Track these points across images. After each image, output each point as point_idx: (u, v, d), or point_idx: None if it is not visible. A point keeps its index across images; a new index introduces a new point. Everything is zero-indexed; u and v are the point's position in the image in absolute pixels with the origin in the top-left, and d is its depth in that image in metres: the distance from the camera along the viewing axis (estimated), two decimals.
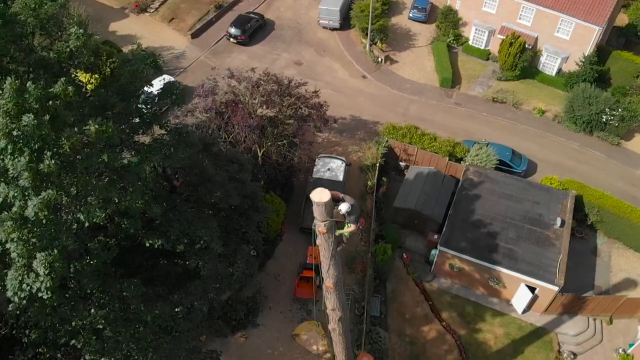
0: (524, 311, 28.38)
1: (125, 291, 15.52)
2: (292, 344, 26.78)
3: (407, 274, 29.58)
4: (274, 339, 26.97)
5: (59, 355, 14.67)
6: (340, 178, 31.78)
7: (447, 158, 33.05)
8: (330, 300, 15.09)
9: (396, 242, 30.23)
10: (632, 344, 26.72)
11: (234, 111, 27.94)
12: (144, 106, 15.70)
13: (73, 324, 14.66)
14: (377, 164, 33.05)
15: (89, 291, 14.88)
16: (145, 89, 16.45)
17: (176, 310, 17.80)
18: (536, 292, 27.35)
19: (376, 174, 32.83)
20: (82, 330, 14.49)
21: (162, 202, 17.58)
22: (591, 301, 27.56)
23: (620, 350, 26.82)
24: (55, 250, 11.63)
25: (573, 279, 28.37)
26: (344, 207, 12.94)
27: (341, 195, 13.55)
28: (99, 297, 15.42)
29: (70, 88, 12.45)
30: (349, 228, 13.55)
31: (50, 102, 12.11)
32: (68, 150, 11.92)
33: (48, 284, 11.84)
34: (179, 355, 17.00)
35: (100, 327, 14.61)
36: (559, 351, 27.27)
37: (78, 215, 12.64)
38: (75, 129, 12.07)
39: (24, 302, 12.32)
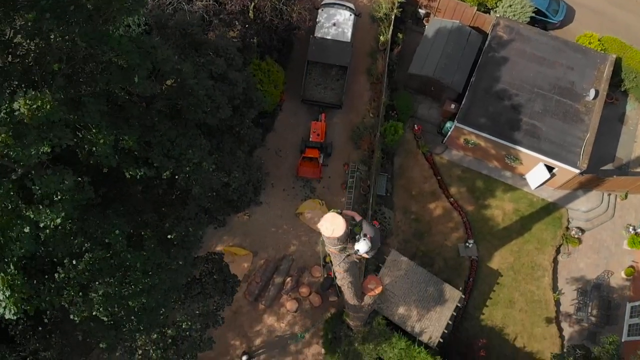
0: (538, 186, 27.13)
1: (106, 237, 13.80)
2: (295, 222, 26.22)
3: (417, 147, 27.53)
4: (277, 217, 26.31)
5: (45, 320, 13.63)
6: (348, 37, 27.35)
7: (475, 8, 28.07)
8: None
9: (408, 112, 27.44)
10: None
11: None
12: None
13: (56, 276, 13.32)
14: (393, 16, 28.23)
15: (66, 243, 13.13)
16: None
17: (169, 237, 16.34)
18: (554, 171, 25.69)
19: (391, 29, 28.29)
20: (65, 286, 13.19)
21: (135, 124, 14.69)
22: (610, 179, 26.05)
23: (631, 229, 26.29)
24: (12, 267, 9.54)
25: (594, 149, 26.23)
26: (362, 248, 10.31)
27: (358, 217, 10.75)
28: (79, 243, 13.76)
29: None
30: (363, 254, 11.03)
31: None
32: None
33: (13, 310, 10.08)
34: (178, 288, 16.13)
35: (85, 282, 13.27)
36: (567, 227, 26.81)
37: (27, 214, 10.16)
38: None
39: None
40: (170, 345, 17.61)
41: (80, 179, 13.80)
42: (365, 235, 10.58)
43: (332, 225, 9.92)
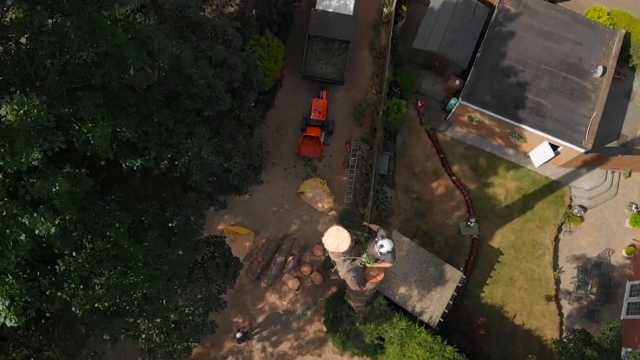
0: (541, 164, 26.82)
1: (108, 230, 13.60)
2: (297, 201, 26.07)
3: (420, 125, 27.08)
4: (278, 196, 26.12)
5: (47, 314, 13.52)
6: (351, 10, 26.43)
7: None
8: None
9: (412, 88, 26.84)
10: None
11: None
12: None
13: (56, 268, 13.20)
14: None
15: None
16: None
17: (170, 225, 16.17)
18: (558, 149, 25.38)
19: (394, 0, 27.33)
20: (66, 279, 13.07)
21: (132, 113, 14.27)
22: (614, 158, 25.75)
23: (633, 208, 26.17)
24: (10, 277, 9.33)
25: (599, 126, 25.81)
26: (386, 245, 9.98)
27: (376, 227, 10.42)
28: (79, 236, 13.57)
29: None
30: (380, 264, 10.76)
31: None
32: None
33: (14, 320, 9.92)
34: (179, 276, 16.01)
35: (86, 275, 13.15)
36: (569, 206, 26.69)
37: (23, 221, 9.86)
38: None
39: None
40: (173, 329, 17.70)
41: (77, 170, 13.52)
42: (383, 237, 10.41)
43: (337, 239, 9.65)
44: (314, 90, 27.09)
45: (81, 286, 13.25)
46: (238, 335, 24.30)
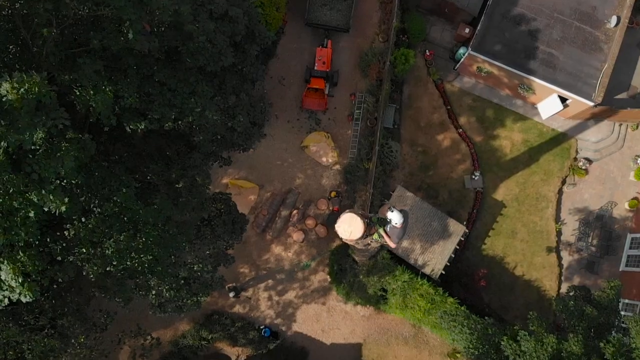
0: (549, 117, 26.42)
1: (115, 195, 13.56)
2: (301, 155, 25.90)
3: (427, 75, 26.40)
4: (282, 150, 25.91)
5: (58, 272, 13.56)
6: None
7: None
8: None
9: (420, 36, 25.93)
10: None
11: None
12: None
13: (66, 234, 13.30)
14: None
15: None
16: None
17: (177, 186, 16.13)
18: (567, 102, 24.91)
19: None
20: (77, 244, 13.17)
21: (133, 74, 13.85)
22: (623, 111, 25.31)
23: (639, 161, 26.02)
24: (21, 253, 9.30)
25: (610, 77, 25.16)
26: (395, 218, 9.88)
27: (387, 206, 10.26)
28: (87, 201, 13.55)
29: None
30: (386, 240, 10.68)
31: None
32: None
33: (28, 295, 10.00)
34: (189, 235, 16.10)
35: (97, 240, 13.24)
36: (575, 158, 26.54)
37: (31, 197, 9.67)
38: None
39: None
40: (182, 285, 18.09)
41: (80, 135, 13.29)
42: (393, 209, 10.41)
43: (350, 227, 9.61)
44: (317, 37, 26.19)
45: (92, 250, 13.38)
46: (231, 294, 24.81)
